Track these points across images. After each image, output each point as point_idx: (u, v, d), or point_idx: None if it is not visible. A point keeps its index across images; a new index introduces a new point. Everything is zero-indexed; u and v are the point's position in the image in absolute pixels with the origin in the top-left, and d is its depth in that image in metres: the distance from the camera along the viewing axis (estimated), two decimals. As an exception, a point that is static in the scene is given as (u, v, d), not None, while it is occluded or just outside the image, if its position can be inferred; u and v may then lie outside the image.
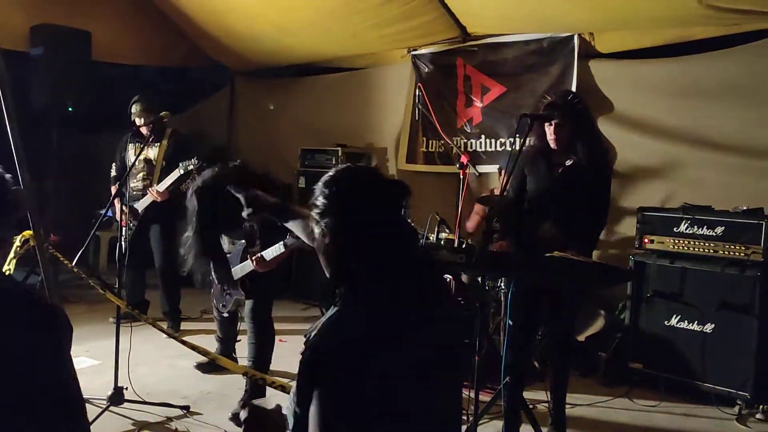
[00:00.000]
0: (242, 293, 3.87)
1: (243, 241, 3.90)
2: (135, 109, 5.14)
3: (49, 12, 6.05)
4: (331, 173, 1.65)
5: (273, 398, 1.66)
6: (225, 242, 4.05)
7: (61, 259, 3.75)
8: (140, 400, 3.66)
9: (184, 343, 3.64)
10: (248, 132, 7.70)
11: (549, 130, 3.29)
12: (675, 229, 4.24)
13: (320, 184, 1.63)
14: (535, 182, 3.38)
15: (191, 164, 4.74)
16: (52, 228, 5.56)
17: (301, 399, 1.52)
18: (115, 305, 3.76)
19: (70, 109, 6.17)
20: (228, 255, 3.96)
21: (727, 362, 3.98)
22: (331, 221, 1.59)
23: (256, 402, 1.62)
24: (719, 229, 4.08)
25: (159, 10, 6.80)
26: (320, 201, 1.61)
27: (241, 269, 3.85)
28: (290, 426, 1.57)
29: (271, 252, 3.65)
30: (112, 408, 3.55)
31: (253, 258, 3.70)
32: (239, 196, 2.20)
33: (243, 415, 1.59)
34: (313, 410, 1.49)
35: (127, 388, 3.63)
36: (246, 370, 3.60)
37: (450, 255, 3.21)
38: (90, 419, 3.21)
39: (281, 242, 3.57)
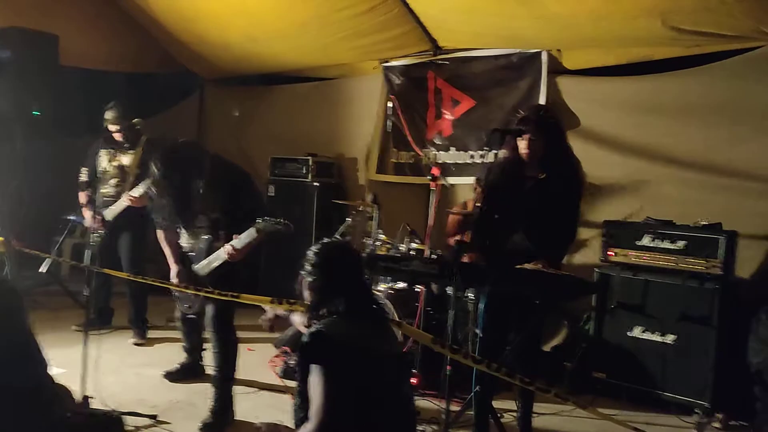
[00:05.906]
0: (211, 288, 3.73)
1: (208, 236, 3.75)
2: (109, 115, 5.02)
3: (16, 15, 5.95)
4: (318, 247, 2.44)
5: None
6: (184, 238, 3.86)
7: (41, 254, 3.69)
8: (107, 409, 3.60)
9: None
10: (218, 139, 7.65)
11: (522, 144, 3.34)
12: (638, 242, 4.36)
13: (310, 252, 2.42)
14: (507, 195, 3.44)
15: None
16: (15, 233, 5.46)
17: (301, 374, 2.21)
18: (80, 313, 3.69)
19: (35, 113, 6.06)
20: (191, 254, 3.84)
21: (686, 372, 4.11)
22: (314, 281, 2.40)
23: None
24: (680, 243, 4.21)
25: (129, 16, 6.74)
26: (308, 265, 2.42)
27: (206, 264, 3.72)
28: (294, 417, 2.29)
29: (243, 238, 3.54)
30: (78, 417, 3.49)
31: (228, 253, 3.57)
32: None
33: None
34: (315, 381, 2.12)
35: (93, 397, 3.57)
36: None
37: (422, 265, 3.26)
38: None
39: (252, 228, 3.47)
